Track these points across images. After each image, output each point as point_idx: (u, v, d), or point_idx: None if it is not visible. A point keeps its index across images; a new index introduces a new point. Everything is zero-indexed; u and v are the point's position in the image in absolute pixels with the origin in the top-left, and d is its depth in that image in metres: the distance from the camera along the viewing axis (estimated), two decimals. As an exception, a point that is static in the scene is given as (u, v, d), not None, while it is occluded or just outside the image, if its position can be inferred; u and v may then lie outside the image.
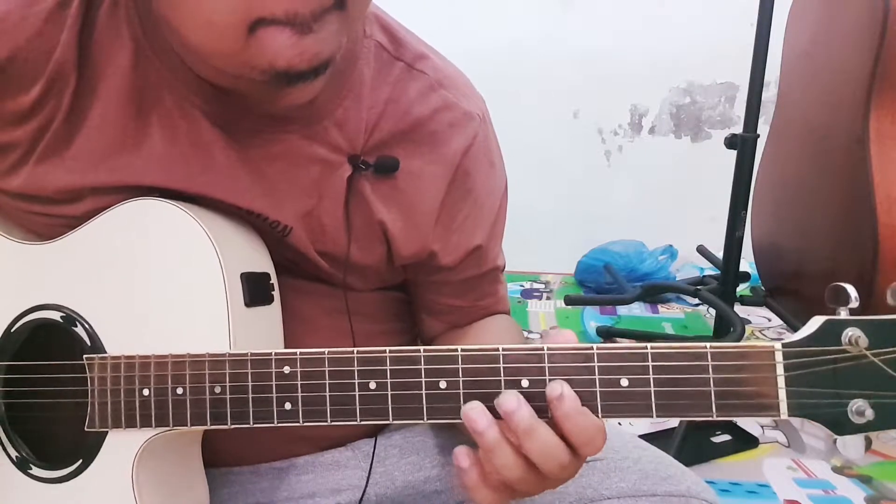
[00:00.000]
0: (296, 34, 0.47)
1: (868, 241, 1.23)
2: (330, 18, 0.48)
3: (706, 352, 0.45)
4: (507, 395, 0.47)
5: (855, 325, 0.44)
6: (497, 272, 0.76)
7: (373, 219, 0.64)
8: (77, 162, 0.57)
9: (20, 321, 0.60)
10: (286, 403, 0.51)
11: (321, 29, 0.47)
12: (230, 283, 0.55)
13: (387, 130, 0.63)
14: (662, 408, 0.46)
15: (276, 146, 0.60)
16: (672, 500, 0.63)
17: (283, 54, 0.47)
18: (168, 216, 0.56)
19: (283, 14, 0.45)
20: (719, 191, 1.72)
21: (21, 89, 0.55)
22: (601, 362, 0.47)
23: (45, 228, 0.61)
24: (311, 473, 0.70)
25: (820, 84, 1.46)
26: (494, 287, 0.76)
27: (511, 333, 0.77)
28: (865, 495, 1.27)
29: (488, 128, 0.70)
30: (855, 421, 0.44)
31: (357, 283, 0.68)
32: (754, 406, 0.45)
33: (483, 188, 0.70)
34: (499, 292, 0.77)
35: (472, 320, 0.75)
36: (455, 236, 0.68)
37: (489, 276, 0.74)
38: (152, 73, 0.57)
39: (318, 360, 0.50)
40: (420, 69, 0.65)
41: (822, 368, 0.44)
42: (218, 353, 0.53)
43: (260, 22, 0.46)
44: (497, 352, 0.48)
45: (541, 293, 2.33)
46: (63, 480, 0.58)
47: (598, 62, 2.31)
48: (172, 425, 0.54)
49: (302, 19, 0.46)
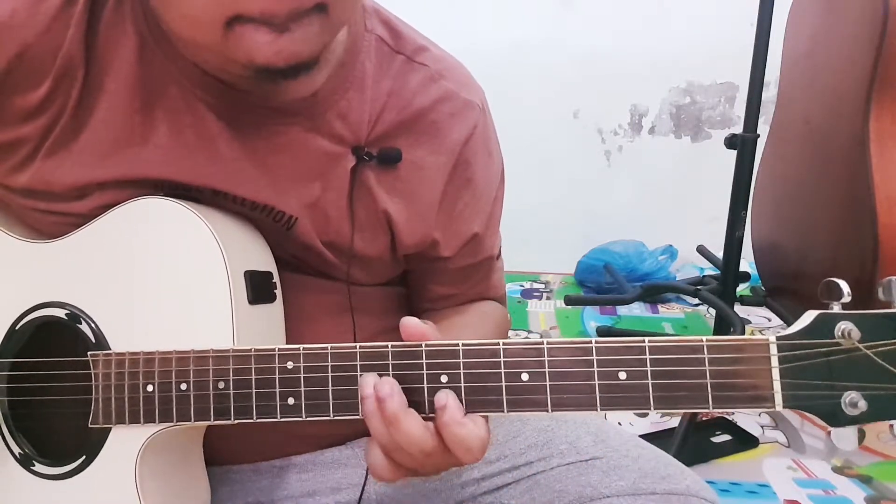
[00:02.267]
0: (272, 33, 0.47)
1: (868, 242, 1.23)
2: (309, 20, 0.48)
3: (703, 345, 0.46)
4: (383, 381, 0.49)
5: (847, 318, 0.45)
6: (492, 261, 0.77)
7: (377, 209, 0.65)
8: (84, 156, 0.58)
9: (24, 318, 0.60)
10: (289, 398, 0.51)
11: (298, 29, 0.48)
12: (234, 281, 0.55)
13: (389, 121, 0.64)
14: (660, 400, 0.47)
15: (281, 138, 0.61)
16: (671, 498, 0.63)
17: (261, 51, 0.48)
18: (173, 214, 0.57)
19: (259, 13, 0.46)
20: (719, 191, 1.72)
21: (30, 86, 0.56)
22: (599, 356, 0.47)
23: (50, 226, 0.61)
24: (311, 472, 0.71)
25: (820, 84, 1.46)
26: (488, 275, 0.77)
27: (489, 317, 0.78)
28: (865, 495, 1.27)
29: (487, 117, 0.71)
30: (848, 412, 0.45)
31: (361, 276, 0.68)
32: (750, 398, 0.46)
33: (482, 177, 0.71)
34: (491, 280, 0.78)
35: (457, 304, 0.76)
36: (455, 224, 0.70)
37: (484, 266, 0.76)
38: (157, 66, 0.58)
39: (320, 355, 0.51)
40: (420, 61, 0.67)
41: (815, 361, 0.45)
42: (222, 349, 0.53)
43: (237, 19, 0.47)
44: (497, 346, 0.49)
45: (541, 293, 2.33)
46: (66, 477, 0.58)
47: (598, 62, 2.31)
48: (176, 421, 0.54)
49: (278, 20, 0.47)
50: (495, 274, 0.79)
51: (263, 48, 0.48)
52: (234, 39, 0.48)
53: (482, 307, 0.78)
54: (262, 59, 0.48)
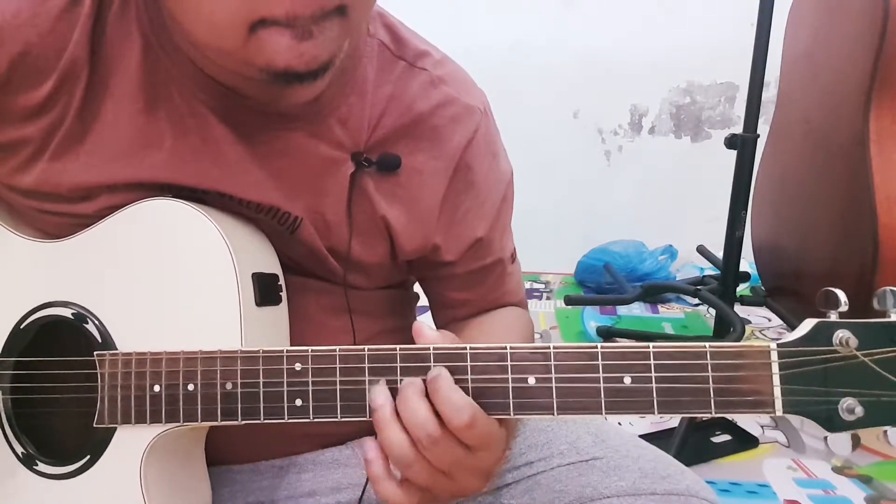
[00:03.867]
0: (295, 38, 0.47)
1: (868, 242, 1.23)
2: (330, 24, 0.48)
3: (706, 351, 0.47)
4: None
5: (845, 327, 0.46)
6: (504, 264, 0.76)
7: (375, 215, 0.65)
8: (91, 158, 0.58)
9: (29, 318, 0.60)
10: (297, 399, 0.52)
11: (321, 34, 0.48)
12: (242, 283, 0.56)
13: (389, 127, 0.64)
14: (664, 405, 0.47)
15: (282, 143, 0.61)
16: (671, 498, 0.63)
17: (282, 55, 0.48)
18: (182, 215, 0.57)
19: (284, 16, 0.46)
20: (719, 191, 1.73)
21: (32, 86, 0.56)
22: (605, 360, 0.48)
23: (56, 228, 0.61)
24: (312, 472, 0.71)
25: (820, 84, 1.47)
26: (502, 279, 0.76)
27: (514, 326, 0.77)
28: (865, 495, 1.27)
29: (490, 121, 0.71)
30: (845, 418, 0.46)
31: (360, 281, 0.69)
32: (751, 403, 0.47)
33: (485, 181, 0.70)
34: (506, 285, 0.77)
35: (479, 312, 0.76)
36: (457, 229, 0.69)
37: (496, 269, 0.75)
38: (161, 70, 0.58)
39: (329, 357, 0.51)
40: (421, 66, 0.67)
41: (814, 368, 0.46)
42: (230, 350, 0.53)
43: (261, 23, 0.47)
44: (504, 350, 0.49)
45: (541, 293, 2.34)
46: (70, 476, 0.58)
47: (598, 62, 2.31)
48: (182, 421, 0.54)
49: (302, 22, 0.47)
50: (511, 278, 0.78)
51: (285, 53, 0.48)
52: (256, 43, 0.48)
53: (505, 317, 0.77)
54: (283, 63, 0.49)
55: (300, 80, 0.50)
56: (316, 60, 0.49)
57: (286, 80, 0.50)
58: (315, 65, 0.49)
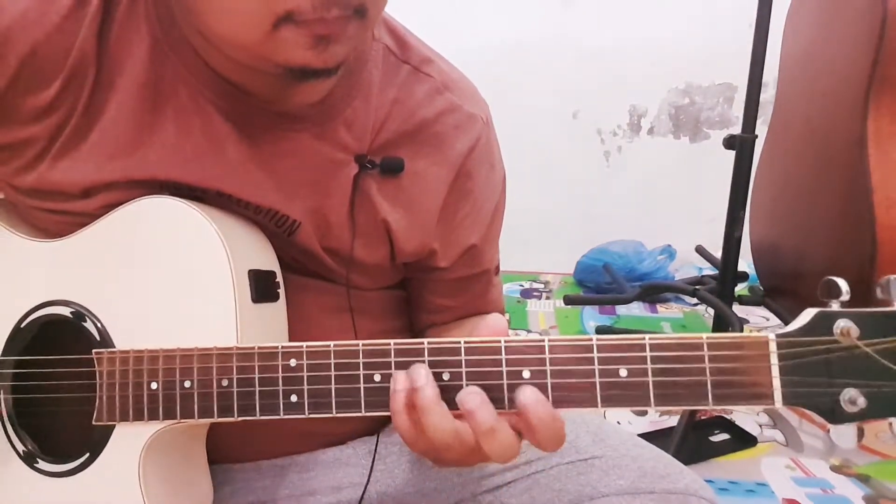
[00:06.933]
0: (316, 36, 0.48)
1: (866, 242, 1.23)
2: (350, 24, 0.49)
3: (703, 342, 0.47)
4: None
5: (846, 316, 0.45)
6: (490, 275, 0.76)
7: (377, 217, 0.65)
8: (93, 155, 0.58)
9: (29, 317, 0.60)
10: (292, 396, 0.52)
11: (342, 33, 0.49)
12: (238, 279, 0.56)
13: (393, 131, 0.65)
14: (660, 398, 0.47)
15: (287, 143, 0.61)
16: (670, 497, 0.63)
17: (302, 52, 0.49)
18: (178, 213, 0.57)
19: (310, 9, 0.46)
20: (718, 191, 1.73)
21: (40, 85, 0.56)
22: (600, 353, 0.48)
23: (55, 226, 0.61)
24: (313, 471, 0.71)
25: (818, 85, 1.47)
26: (486, 289, 0.77)
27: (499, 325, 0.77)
28: (864, 494, 1.27)
29: (491, 131, 0.72)
30: (847, 409, 0.45)
31: (361, 281, 0.69)
32: (749, 395, 0.46)
33: (482, 190, 0.71)
34: (489, 295, 0.77)
35: (457, 318, 0.76)
36: (453, 235, 0.70)
37: (482, 279, 0.75)
38: (168, 67, 0.58)
39: (323, 352, 0.51)
40: (426, 72, 0.67)
41: (814, 358, 0.45)
42: (225, 347, 0.53)
43: (286, 18, 0.47)
44: (499, 343, 0.49)
45: (540, 293, 2.34)
46: (70, 474, 0.59)
47: (598, 62, 2.31)
48: (180, 418, 0.54)
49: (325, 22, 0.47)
50: (494, 289, 0.78)
51: (305, 50, 0.49)
52: (277, 40, 0.48)
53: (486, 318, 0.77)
54: (300, 60, 0.49)
55: (315, 76, 0.51)
56: (334, 58, 0.50)
57: (301, 75, 0.51)
58: (332, 63, 0.50)
